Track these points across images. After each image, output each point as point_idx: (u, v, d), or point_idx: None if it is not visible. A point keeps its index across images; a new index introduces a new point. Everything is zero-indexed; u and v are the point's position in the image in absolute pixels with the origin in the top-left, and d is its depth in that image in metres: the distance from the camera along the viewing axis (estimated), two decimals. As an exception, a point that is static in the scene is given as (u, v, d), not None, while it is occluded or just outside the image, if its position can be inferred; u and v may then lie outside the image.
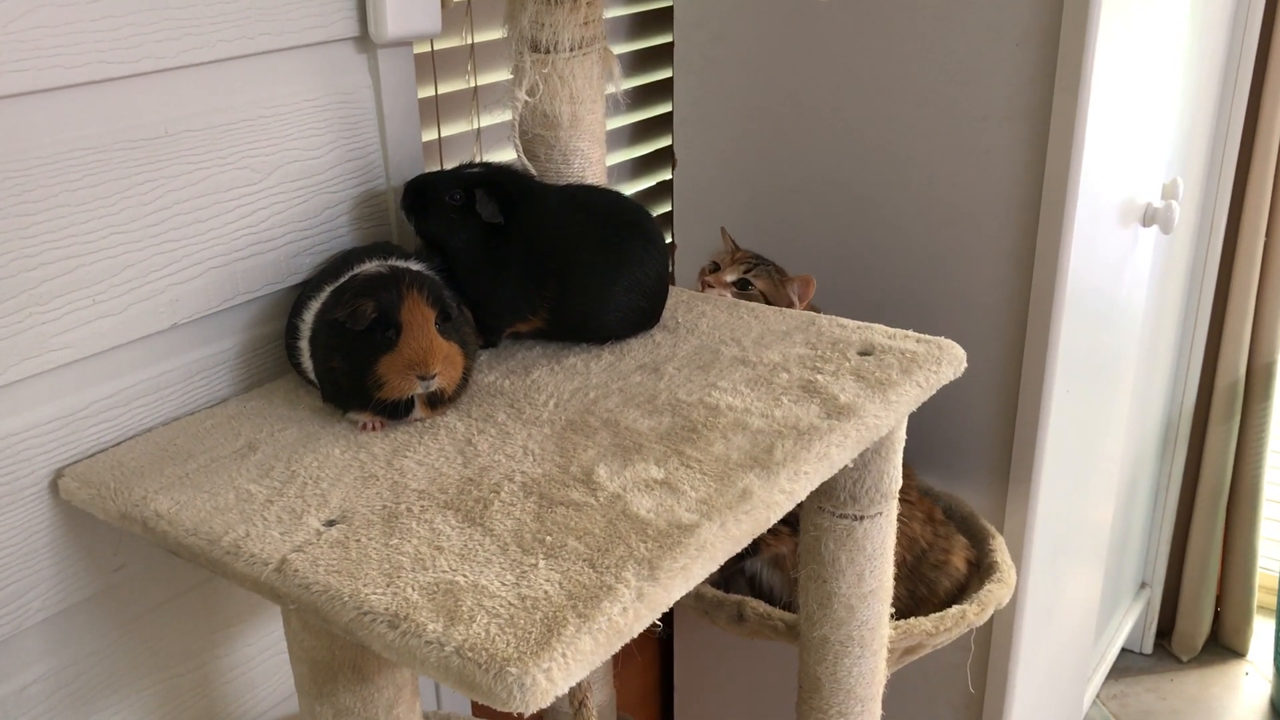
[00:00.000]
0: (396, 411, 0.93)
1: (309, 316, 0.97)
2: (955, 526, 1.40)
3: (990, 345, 1.44)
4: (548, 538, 0.77)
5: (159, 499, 0.84)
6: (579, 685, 1.17)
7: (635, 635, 0.71)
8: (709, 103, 1.57)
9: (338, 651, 0.80)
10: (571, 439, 0.90)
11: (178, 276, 0.95)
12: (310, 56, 1.01)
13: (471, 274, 1.04)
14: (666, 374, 1.01)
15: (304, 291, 1.00)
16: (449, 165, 1.15)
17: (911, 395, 0.97)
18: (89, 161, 0.87)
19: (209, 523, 0.81)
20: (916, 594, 1.31)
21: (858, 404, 0.93)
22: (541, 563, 0.75)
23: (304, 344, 0.97)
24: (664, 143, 1.68)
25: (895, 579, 1.29)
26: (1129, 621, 2.37)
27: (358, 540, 0.78)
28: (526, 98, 1.09)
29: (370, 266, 0.97)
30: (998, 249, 1.40)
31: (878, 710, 1.16)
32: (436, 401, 0.94)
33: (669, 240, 1.68)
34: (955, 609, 1.24)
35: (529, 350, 1.07)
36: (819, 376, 0.98)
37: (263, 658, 1.10)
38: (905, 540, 1.30)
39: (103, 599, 0.95)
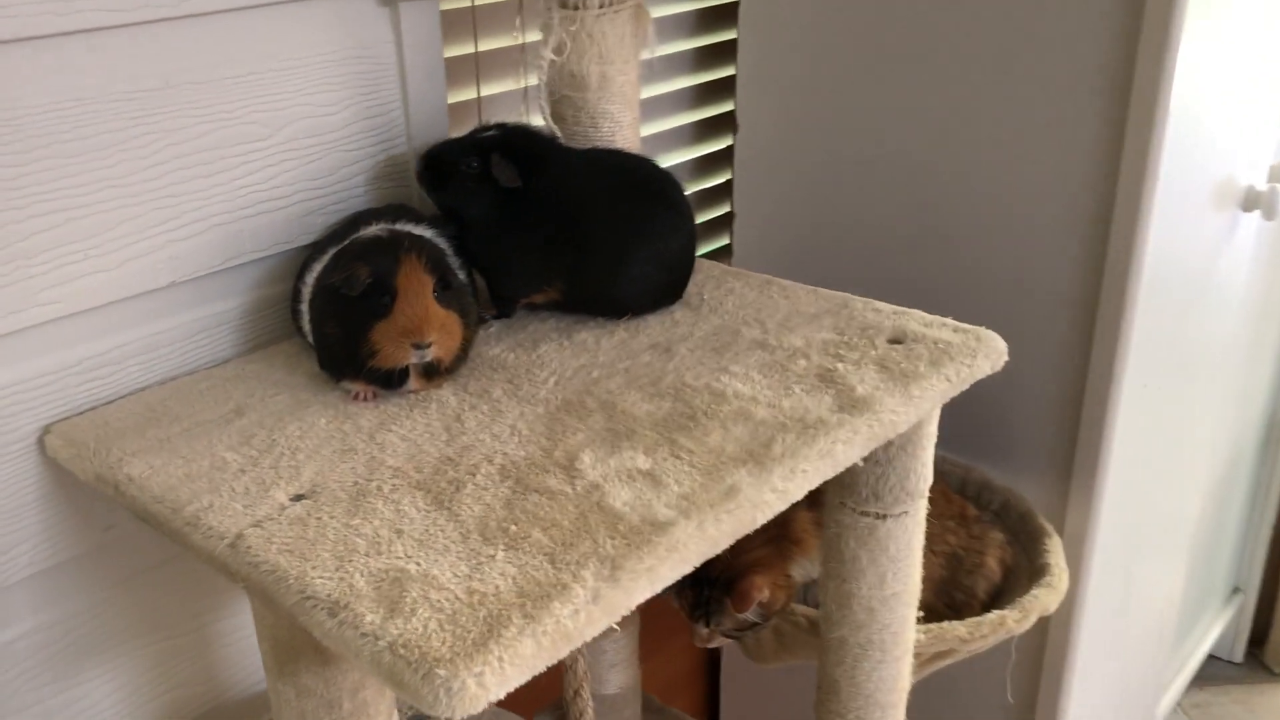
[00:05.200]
0: (390, 381, 0.89)
1: (311, 279, 0.94)
2: (992, 522, 1.32)
3: (1057, 332, 1.34)
4: (513, 527, 0.73)
5: (134, 462, 0.82)
6: (574, 672, 1.13)
7: (588, 639, 0.66)
8: (773, 66, 1.49)
9: (298, 631, 0.77)
10: (563, 420, 0.86)
11: (177, 233, 0.93)
12: (326, 8, 0.98)
13: (489, 243, 1.00)
14: (678, 355, 0.95)
15: (310, 253, 0.97)
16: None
17: (938, 390, 0.90)
18: (82, 112, 0.85)
19: (176, 491, 0.78)
20: (955, 602, 1.24)
21: (875, 397, 0.87)
22: (500, 554, 0.70)
23: (305, 307, 0.95)
24: (727, 107, 1.60)
25: (932, 592, 1.23)
26: (1217, 627, 2.24)
27: (319, 518, 0.75)
28: (553, 57, 1.03)
29: (372, 230, 0.94)
30: (1069, 230, 1.30)
31: (900, 717, 1.10)
32: (432, 373, 0.90)
33: (728, 210, 1.61)
34: (994, 615, 1.16)
35: (542, 323, 1.02)
36: (839, 365, 0.92)
37: (268, 621, 1.09)
38: (943, 557, 1.23)
39: (94, 557, 0.94)
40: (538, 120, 1.06)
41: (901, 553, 1.01)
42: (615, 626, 0.68)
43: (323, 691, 0.79)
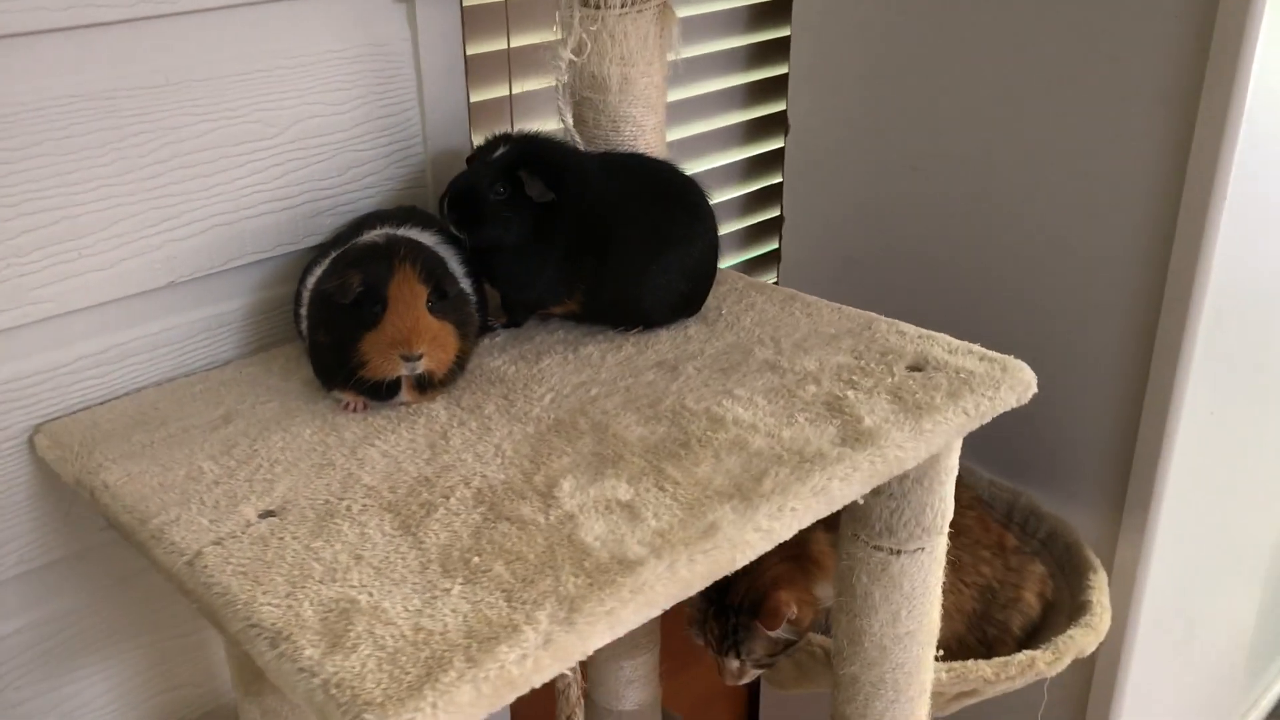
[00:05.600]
0: (380, 392, 0.86)
1: (312, 282, 0.92)
2: (1036, 552, 1.25)
3: (1112, 356, 1.27)
4: (475, 559, 0.70)
5: (111, 468, 0.80)
6: (566, 699, 1.09)
7: (535, 685, 0.63)
8: (828, 65, 1.43)
9: (260, 652, 0.75)
10: (551, 442, 0.82)
11: (176, 233, 0.91)
12: (338, 4, 0.95)
13: (513, 260, 0.96)
14: (684, 374, 0.91)
15: (315, 255, 0.95)
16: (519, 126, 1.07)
17: (953, 424, 0.84)
18: (78, 109, 0.84)
19: (147, 501, 0.77)
20: (987, 637, 1.17)
21: (882, 430, 0.81)
22: (457, 589, 0.67)
23: (305, 311, 0.92)
24: (779, 107, 1.55)
25: (963, 625, 1.17)
26: (1295, 664, 2.13)
27: (281, 538, 0.72)
28: (573, 57, 1.00)
29: (372, 235, 0.91)
30: (1130, 245, 1.22)
31: (916, 759, 1.05)
32: (425, 385, 0.87)
33: (777, 214, 1.56)
34: (1024, 655, 1.10)
35: (550, 333, 0.99)
36: (850, 392, 0.87)
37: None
38: (976, 589, 1.17)
39: (88, 557, 0.94)
40: (546, 125, 1.02)
41: (917, 591, 0.96)
42: (569, 675, 0.64)
43: (286, 714, 0.77)
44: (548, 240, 0.95)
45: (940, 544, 0.95)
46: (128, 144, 0.87)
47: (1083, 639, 1.14)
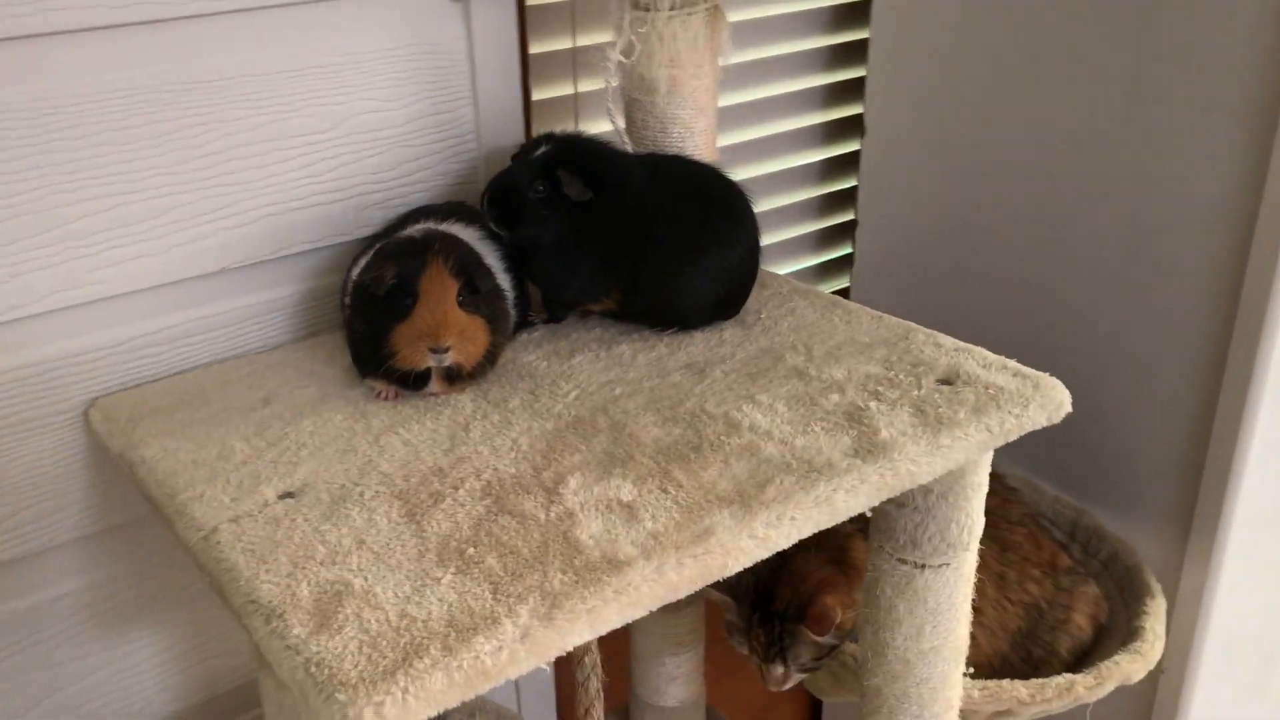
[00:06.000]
0: (410, 382, 0.89)
1: (355, 273, 0.95)
2: (1094, 573, 1.22)
3: (1182, 373, 1.22)
4: (471, 550, 0.71)
5: (151, 444, 0.85)
6: (585, 690, 1.11)
7: (512, 678, 0.64)
8: (906, 68, 1.42)
9: (273, 627, 0.78)
10: (567, 439, 0.83)
11: (228, 221, 0.95)
12: (392, 3, 0.98)
13: (554, 258, 0.98)
14: (710, 377, 0.91)
15: (363, 247, 0.98)
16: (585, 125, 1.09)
17: (974, 440, 0.83)
18: (135, 102, 0.88)
19: (177, 477, 0.81)
20: (1032, 658, 1.15)
21: (897, 444, 0.81)
22: (448, 578, 0.69)
23: (348, 300, 0.96)
24: (856, 109, 1.53)
25: (1008, 644, 1.15)
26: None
27: (293, 519, 0.75)
28: (621, 59, 1.01)
29: (412, 229, 0.93)
30: (1201, 259, 1.18)
31: (942, 776, 1.03)
32: (453, 377, 0.90)
33: (851, 217, 1.55)
34: (1062, 678, 1.07)
35: (587, 331, 1.00)
36: (873, 404, 0.86)
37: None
38: (1022, 607, 1.14)
39: (139, 526, 0.99)
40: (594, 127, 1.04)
41: (942, 606, 0.94)
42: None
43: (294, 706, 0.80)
44: (585, 239, 0.96)
45: (966, 560, 0.94)
46: (184, 136, 0.91)
47: (1129, 666, 1.10)
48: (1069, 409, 0.89)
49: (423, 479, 0.79)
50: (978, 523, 0.93)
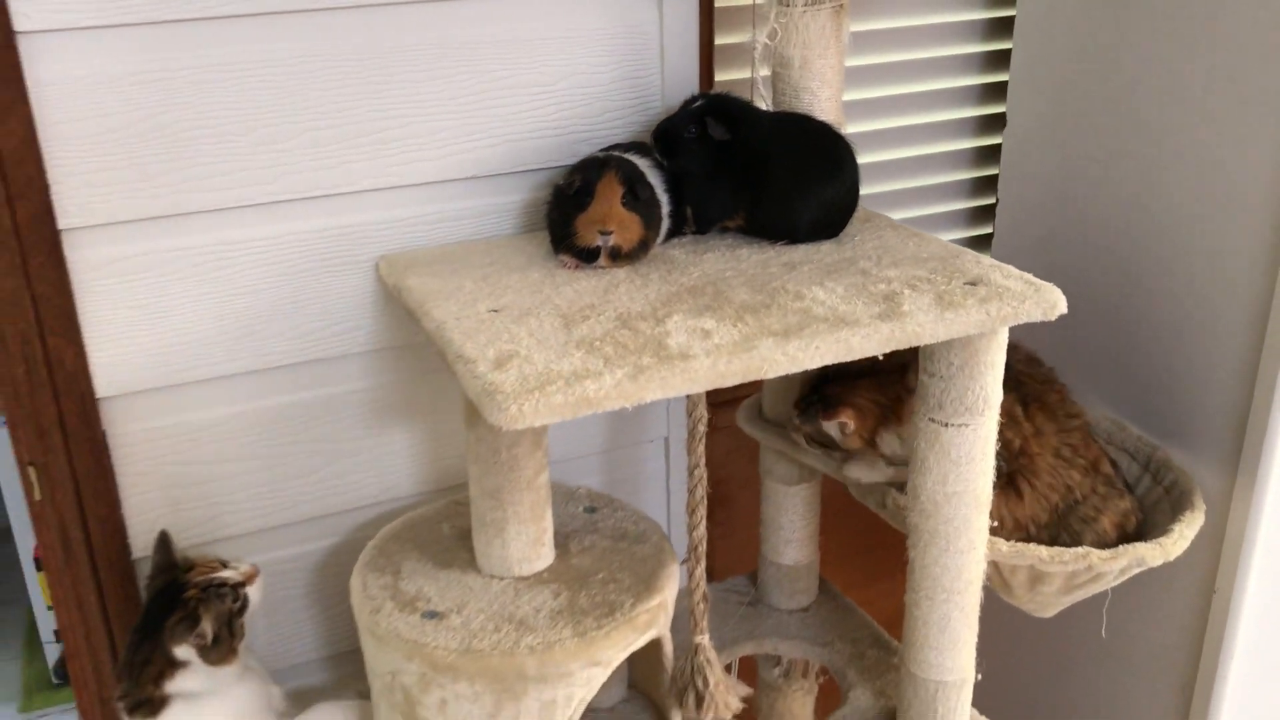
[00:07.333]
0: (585, 256, 1.28)
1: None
2: (1139, 495, 1.45)
3: (1233, 333, 1.44)
4: (597, 342, 1.09)
5: (413, 280, 1.28)
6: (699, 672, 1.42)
7: (605, 409, 1.02)
8: (1041, 74, 1.69)
9: (475, 395, 1.19)
10: (681, 296, 1.20)
11: (482, 143, 1.38)
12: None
13: (700, 182, 1.35)
14: (798, 271, 1.25)
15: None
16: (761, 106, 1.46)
17: (971, 320, 1.13)
18: (425, 55, 1.32)
19: (429, 296, 1.23)
20: (1058, 542, 1.40)
21: (911, 314, 1.12)
22: (579, 355, 1.07)
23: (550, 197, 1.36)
24: (1001, 108, 1.82)
25: (1042, 525, 1.40)
26: None
27: (493, 321, 1.15)
28: (767, 41, 1.37)
29: (600, 152, 1.33)
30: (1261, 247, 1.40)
31: (967, 606, 1.31)
32: (616, 255, 1.28)
33: (992, 200, 1.83)
34: (1080, 549, 1.33)
35: (721, 240, 1.36)
36: (907, 290, 1.18)
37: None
38: (1062, 487, 1.40)
39: (409, 350, 1.43)
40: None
41: (962, 459, 1.24)
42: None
43: (490, 440, 1.21)
44: (723, 170, 1.33)
45: (983, 424, 1.23)
46: (454, 79, 1.34)
47: (1146, 551, 1.34)
48: (1063, 310, 1.17)
49: (579, 309, 1.18)
50: (992, 394, 1.22)
